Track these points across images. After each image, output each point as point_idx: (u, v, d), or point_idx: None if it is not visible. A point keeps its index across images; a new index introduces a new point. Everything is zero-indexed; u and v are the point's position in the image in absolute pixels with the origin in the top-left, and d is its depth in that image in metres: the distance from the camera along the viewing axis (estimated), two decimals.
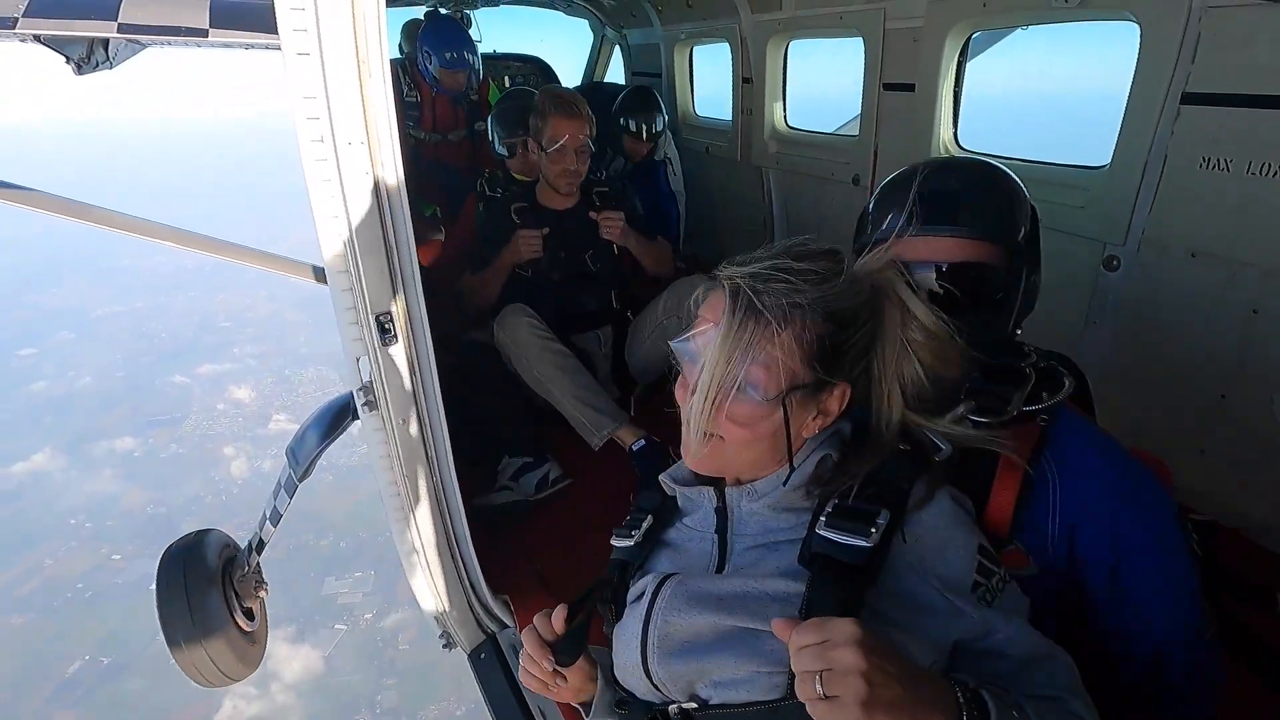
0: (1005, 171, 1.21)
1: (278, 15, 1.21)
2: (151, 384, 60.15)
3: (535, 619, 1.05)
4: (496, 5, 5.04)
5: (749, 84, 3.96)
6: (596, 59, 5.66)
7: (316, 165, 1.31)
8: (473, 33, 4.24)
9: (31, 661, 33.48)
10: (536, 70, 5.44)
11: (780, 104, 3.91)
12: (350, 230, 1.36)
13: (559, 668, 1.03)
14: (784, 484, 0.99)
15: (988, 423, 1.06)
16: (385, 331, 1.49)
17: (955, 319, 1.01)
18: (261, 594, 2.81)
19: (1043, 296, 1.24)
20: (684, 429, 0.99)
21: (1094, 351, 2.36)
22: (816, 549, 0.90)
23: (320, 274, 2.38)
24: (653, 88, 4.52)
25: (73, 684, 32.72)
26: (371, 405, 1.59)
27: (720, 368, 0.91)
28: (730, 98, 4.17)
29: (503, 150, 3.52)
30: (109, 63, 2.17)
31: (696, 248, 4.75)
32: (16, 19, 1.33)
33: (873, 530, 0.87)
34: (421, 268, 1.52)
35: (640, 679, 1.01)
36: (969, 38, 2.68)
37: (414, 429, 1.66)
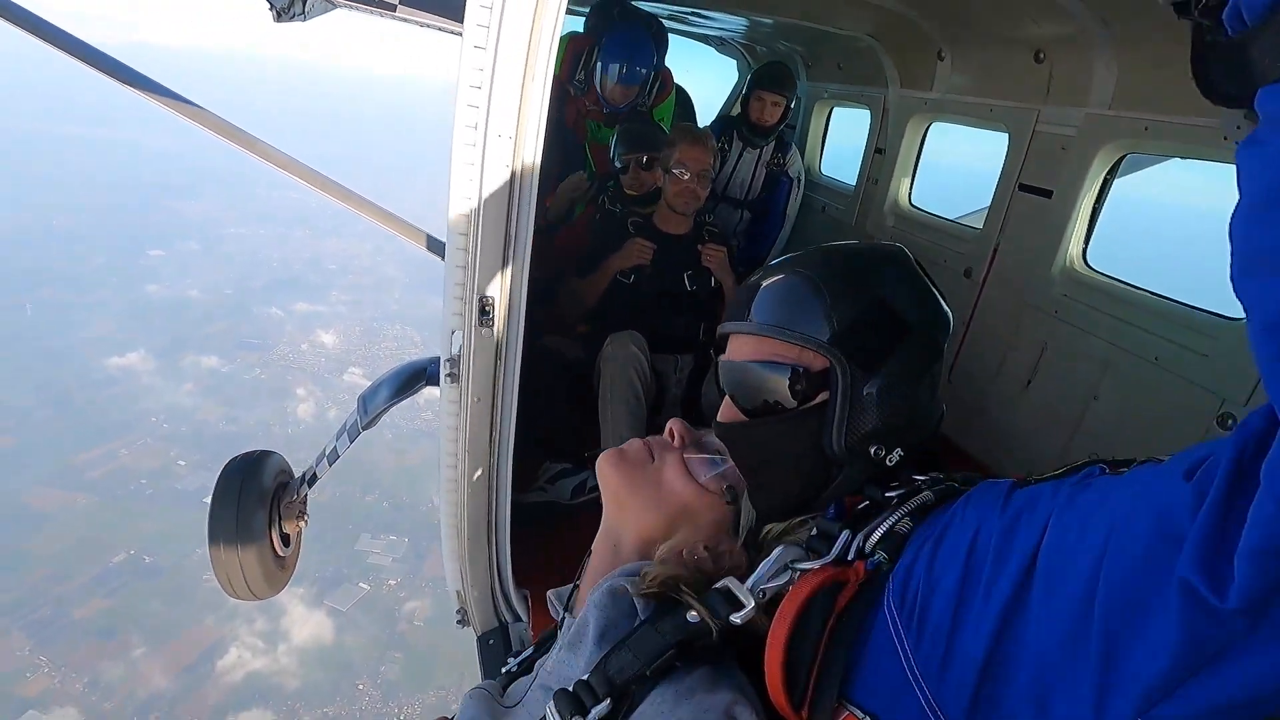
0: (835, 257, 1.06)
1: (467, 8, 1.38)
2: (250, 309, 65.41)
3: None
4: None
5: (880, 154, 4.02)
6: (736, 98, 5.87)
7: (464, 149, 1.47)
8: None
9: (84, 542, 36.72)
10: (675, 97, 5.67)
11: (909, 180, 3.95)
12: (479, 214, 1.51)
13: None
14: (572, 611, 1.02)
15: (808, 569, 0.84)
16: (485, 314, 1.63)
17: (762, 428, 1.03)
18: (301, 524, 3.06)
19: (1139, 437, 1.10)
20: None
21: None
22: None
23: (433, 243, 2.61)
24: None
25: (113, 573, 35.65)
26: (454, 378, 1.74)
27: None
28: (858, 164, 4.24)
29: (619, 164, 3.74)
30: (303, 15, 2.49)
31: None
32: None
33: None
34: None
35: None
36: (1123, 157, 2.63)
37: (486, 411, 1.79)
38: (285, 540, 3.04)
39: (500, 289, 1.62)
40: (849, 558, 0.83)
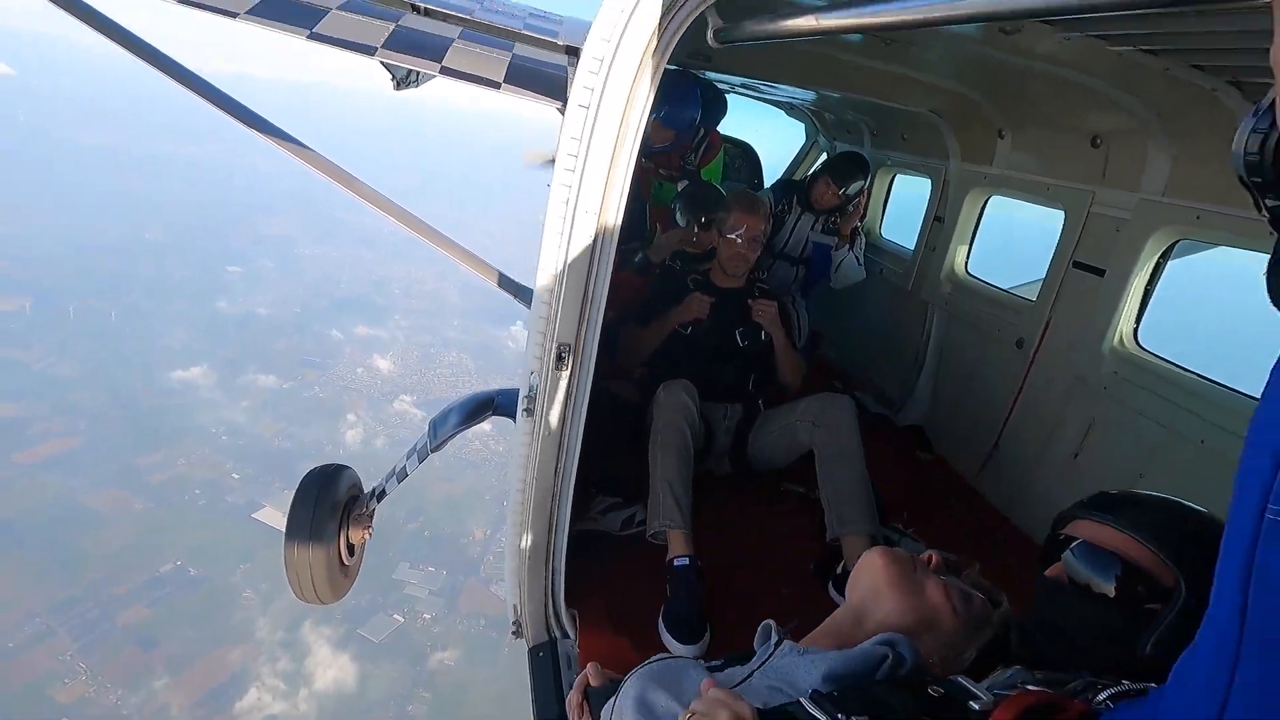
0: (1202, 511, 1.30)
1: (568, 105, 1.73)
2: (312, 329, 68.51)
3: (591, 666, 1.44)
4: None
5: (939, 223, 4.28)
6: (802, 159, 6.37)
7: (556, 220, 1.81)
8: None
9: (136, 547, 38.48)
10: (743, 154, 6.13)
11: (965, 250, 4.17)
12: (564, 275, 1.85)
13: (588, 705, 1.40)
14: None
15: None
16: (561, 359, 1.95)
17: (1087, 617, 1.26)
18: (366, 535, 3.43)
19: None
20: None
21: None
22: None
23: (505, 281, 2.98)
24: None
25: (159, 583, 37.15)
26: (529, 412, 2.06)
27: None
28: (917, 229, 4.51)
29: (680, 222, 4.17)
30: (417, 83, 2.95)
31: (831, 351, 5.22)
32: (376, 48, 1.98)
33: None
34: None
35: None
36: (1176, 241, 2.79)
37: (554, 444, 2.11)
38: (351, 550, 3.42)
39: (576, 339, 1.94)
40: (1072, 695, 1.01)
